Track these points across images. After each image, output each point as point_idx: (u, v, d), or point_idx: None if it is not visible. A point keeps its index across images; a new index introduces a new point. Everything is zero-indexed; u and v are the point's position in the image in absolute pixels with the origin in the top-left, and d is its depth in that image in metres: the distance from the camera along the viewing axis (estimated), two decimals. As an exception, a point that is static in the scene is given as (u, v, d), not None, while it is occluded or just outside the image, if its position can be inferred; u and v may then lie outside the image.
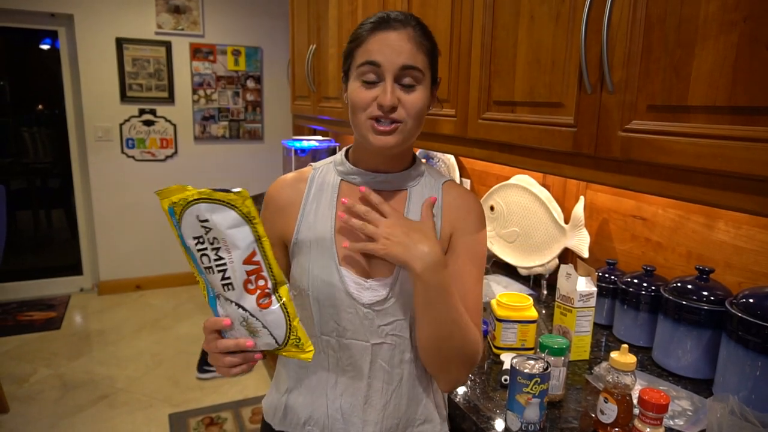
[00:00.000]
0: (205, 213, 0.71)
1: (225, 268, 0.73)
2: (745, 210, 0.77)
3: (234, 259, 0.73)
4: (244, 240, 0.72)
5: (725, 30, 0.76)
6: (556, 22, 1.08)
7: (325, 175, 0.97)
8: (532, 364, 0.94)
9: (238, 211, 0.71)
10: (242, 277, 0.74)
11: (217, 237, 0.72)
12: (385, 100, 0.82)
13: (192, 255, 0.75)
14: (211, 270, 0.74)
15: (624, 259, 1.52)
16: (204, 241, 0.72)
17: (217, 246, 0.72)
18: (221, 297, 0.76)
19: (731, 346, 1.02)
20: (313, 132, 3.86)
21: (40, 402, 2.69)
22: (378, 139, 0.85)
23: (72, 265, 4.21)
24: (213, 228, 0.71)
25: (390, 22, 0.85)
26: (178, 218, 0.72)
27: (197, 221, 0.71)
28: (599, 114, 0.98)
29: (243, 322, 0.75)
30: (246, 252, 0.73)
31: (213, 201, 0.71)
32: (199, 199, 0.71)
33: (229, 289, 0.74)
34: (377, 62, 0.83)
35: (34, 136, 4.07)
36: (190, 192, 0.71)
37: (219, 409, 2.69)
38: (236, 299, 0.74)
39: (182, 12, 4.00)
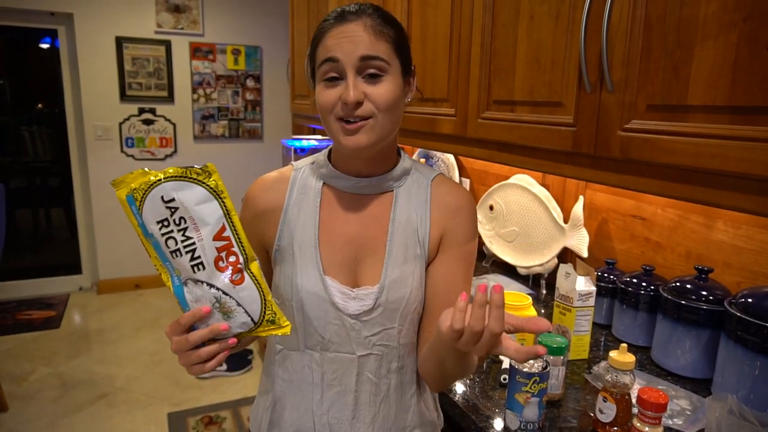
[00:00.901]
0: (171, 192, 0.69)
1: (194, 247, 0.71)
2: (744, 210, 0.77)
3: (204, 236, 0.70)
4: (213, 215, 0.70)
5: (725, 30, 0.76)
6: (556, 22, 1.08)
7: (306, 177, 0.92)
8: (531, 364, 0.94)
9: (205, 186, 0.70)
10: (213, 255, 0.71)
11: (184, 216, 0.70)
12: (348, 96, 0.77)
13: (155, 243, 0.72)
14: (178, 253, 0.71)
15: (623, 258, 1.52)
16: (169, 223, 0.70)
17: (185, 226, 0.70)
18: (189, 281, 0.73)
19: (730, 345, 1.03)
20: (312, 131, 3.86)
21: (39, 401, 2.69)
22: (348, 140, 0.80)
23: (71, 264, 4.21)
24: (180, 207, 0.69)
25: (345, 15, 0.80)
26: (139, 205, 0.70)
27: (162, 203, 0.69)
28: (599, 113, 0.98)
29: (216, 304, 0.72)
30: (216, 227, 0.71)
31: (179, 178, 0.69)
32: (164, 178, 0.69)
33: (200, 269, 0.71)
34: (335, 57, 0.79)
35: (34, 135, 4.06)
36: (153, 174, 0.69)
37: (218, 408, 2.69)
38: (207, 279, 0.72)
39: (182, 11, 4.00)
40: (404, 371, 0.90)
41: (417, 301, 0.88)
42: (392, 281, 0.86)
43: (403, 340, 0.89)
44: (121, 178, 0.70)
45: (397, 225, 0.88)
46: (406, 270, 0.87)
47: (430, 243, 0.89)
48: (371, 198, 0.90)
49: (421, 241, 0.88)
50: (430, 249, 0.89)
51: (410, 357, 0.91)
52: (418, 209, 0.89)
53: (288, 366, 0.90)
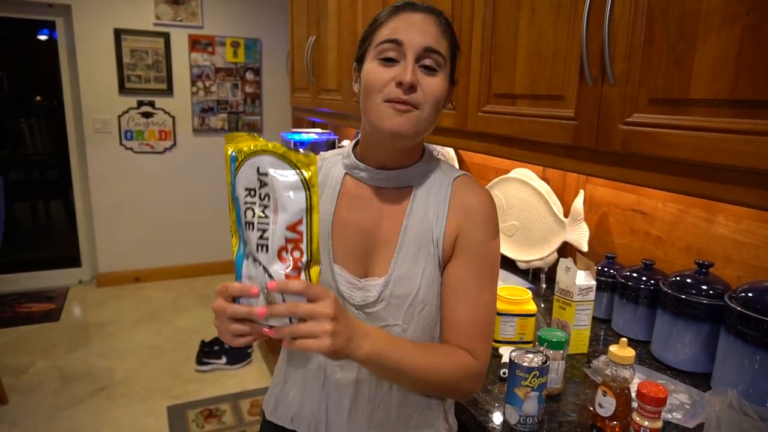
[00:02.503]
0: (268, 166, 0.68)
1: (266, 228, 0.70)
2: (746, 204, 0.76)
3: (279, 222, 0.69)
4: (296, 205, 0.69)
5: (728, 22, 0.75)
6: (558, 14, 1.07)
7: (331, 166, 0.94)
8: (530, 358, 0.94)
9: (300, 174, 0.68)
10: (280, 243, 0.69)
11: (269, 194, 0.69)
12: (405, 77, 0.77)
13: (237, 206, 0.71)
14: (251, 225, 0.70)
15: (623, 253, 1.52)
16: (255, 194, 0.70)
17: (267, 203, 0.69)
18: (251, 257, 0.71)
19: (730, 340, 1.02)
20: (312, 124, 3.85)
21: (38, 394, 2.70)
22: (392, 120, 0.79)
23: (71, 257, 4.21)
24: (269, 184, 0.68)
25: (415, 5, 0.82)
26: (238, 165, 0.70)
27: (256, 173, 0.69)
28: (600, 107, 0.97)
29: (264, 289, 0.70)
30: (293, 218, 0.69)
31: (279, 156, 0.68)
32: (266, 150, 0.68)
33: (262, 251, 0.70)
34: (400, 40, 0.79)
35: (32, 127, 4.05)
36: (260, 142, 0.69)
37: (218, 402, 2.69)
38: (266, 263, 0.70)
39: (181, 3, 3.97)
40: None
41: (425, 301, 0.86)
42: (399, 276, 0.85)
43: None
44: (233, 134, 0.71)
45: (413, 221, 0.87)
46: (416, 267, 0.86)
47: (444, 242, 0.87)
48: (390, 191, 0.89)
49: (435, 239, 0.87)
50: (444, 249, 0.87)
51: None
52: (436, 208, 0.88)
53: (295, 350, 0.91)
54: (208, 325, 3.51)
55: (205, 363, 2.99)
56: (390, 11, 0.83)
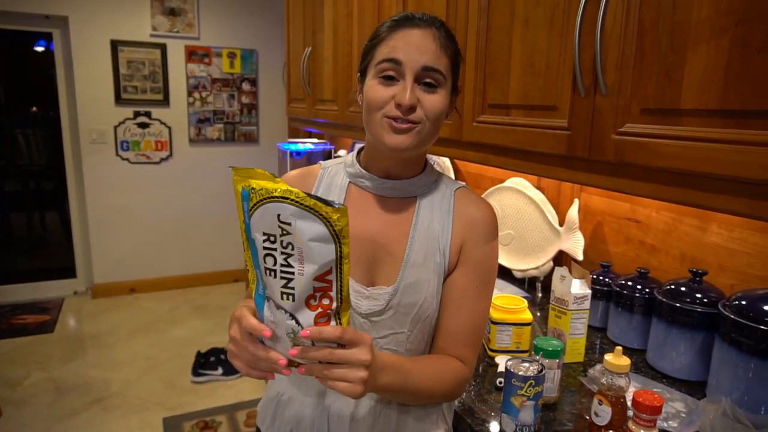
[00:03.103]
0: (290, 217, 0.62)
1: (292, 277, 0.64)
2: (737, 213, 0.77)
3: (305, 272, 0.64)
4: (324, 256, 0.64)
5: (717, 34, 0.76)
6: (550, 26, 1.08)
7: (334, 175, 0.94)
8: (526, 367, 0.94)
9: (330, 227, 0.63)
10: (307, 293, 0.65)
11: (293, 243, 0.63)
12: (404, 98, 0.79)
13: (254, 248, 0.66)
14: (272, 273, 0.65)
15: (618, 261, 1.52)
16: (275, 241, 0.64)
17: (290, 253, 0.64)
18: (272, 302, 0.67)
19: (724, 348, 1.03)
20: (308, 135, 3.86)
21: (33, 406, 2.67)
22: (393, 138, 0.81)
23: (66, 268, 4.19)
24: (293, 234, 0.63)
25: (414, 20, 0.82)
26: (252, 206, 0.64)
27: (276, 220, 0.63)
28: (593, 117, 0.98)
29: (290, 334, 0.67)
30: (322, 269, 0.64)
31: (306, 209, 0.62)
32: (287, 199, 0.62)
33: (287, 300, 0.65)
34: (398, 60, 0.79)
35: (29, 138, 4.05)
36: (280, 186, 0.63)
37: (214, 413, 2.68)
38: (292, 310, 0.66)
39: (177, 14, 3.99)
40: None
41: (430, 309, 0.87)
42: (407, 285, 0.86)
43: (410, 346, 0.89)
44: (245, 169, 0.65)
45: (419, 231, 0.89)
46: (423, 276, 0.87)
47: (450, 253, 0.89)
48: (394, 201, 0.91)
49: (441, 250, 0.88)
50: (450, 259, 0.89)
51: None
52: (441, 218, 0.90)
53: None
54: (204, 336, 3.50)
55: (201, 374, 2.97)
56: (390, 26, 0.83)
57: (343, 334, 0.66)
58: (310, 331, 0.65)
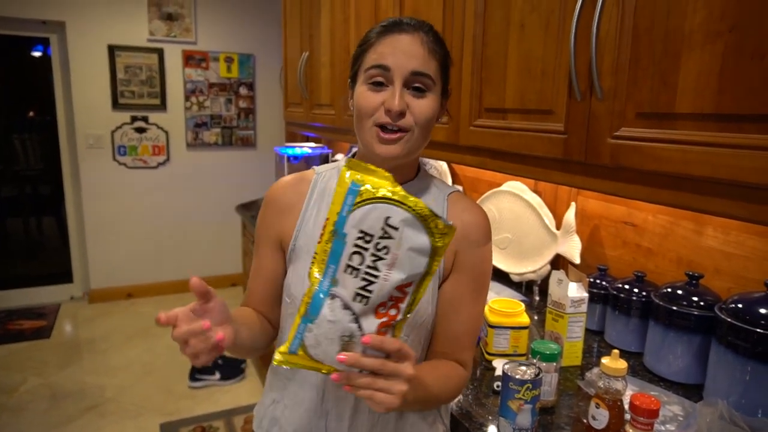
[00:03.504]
0: (400, 222, 0.62)
1: (374, 281, 0.63)
2: (732, 216, 0.78)
3: (390, 279, 0.63)
4: (415, 268, 0.64)
5: (711, 40, 0.77)
6: (546, 31, 1.09)
7: (328, 180, 0.93)
8: (523, 370, 0.94)
9: (433, 242, 0.63)
10: (381, 299, 0.64)
11: (389, 248, 0.62)
12: (393, 104, 0.78)
13: (340, 243, 0.63)
14: (354, 272, 0.63)
15: (615, 265, 1.53)
16: (370, 241, 0.62)
17: (383, 257, 0.63)
18: (338, 299, 0.64)
19: (721, 351, 1.03)
20: (305, 139, 3.86)
21: (29, 412, 2.66)
22: (383, 148, 0.81)
23: (62, 273, 4.17)
24: (396, 239, 0.62)
25: (402, 25, 0.82)
26: (358, 202, 0.63)
27: (383, 222, 0.62)
28: (589, 121, 0.99)
29: (345, 337, 0.65)
30: (406, 280, 0.64)
31: (419, 218, 0.62)
32: (404, 205, 0.62)
33: (359, 302, 0.64)
34: (387, 66, 0.79)
35: (25, 143, 4.04)
36: (398, 191, 0.63)
37: (211, 418, 2.66)
38: (359, 313, 0.64)
39: (175, 19, 4.00)
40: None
41: (426, 315, 0.88)
42: None
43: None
44: (362, 164, 0.65)
45: None
46: None
47: (445, 259, 0.88)
48: None
49: None
50: (445, 265, 0.89)
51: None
52: None
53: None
54: (202, 341, 3.48)
55: (198, 379, 2.96)
56: (378, 32, 0.83)
57: (401, 347, 0.66)
58: (372, 338, 0.64)
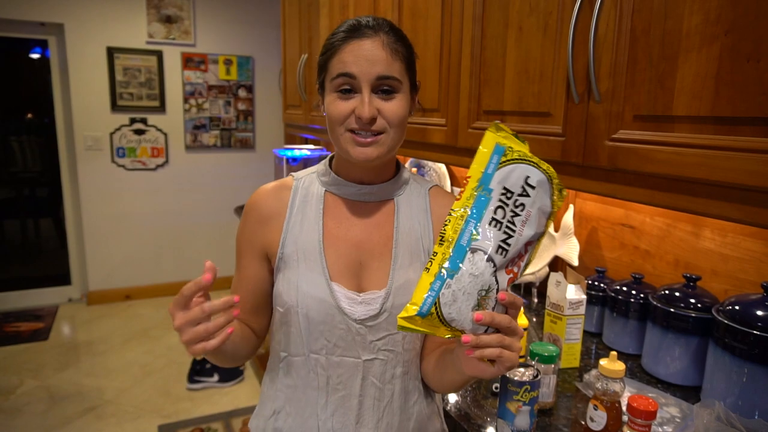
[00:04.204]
0: (537, 182, 0.70)
1: (512, 234, 0.70)
2: (729, 218, 0.78)
3: (523, 234, 0.70)
4: (539, 227, 0.71)
5: (707, 43, 0.77)
6: (544, 34, 1.10)
7: (308, 186, 0.93)
8: (522, 372, 0.94)
9: (554, 205, 0.72)
10: (514, 254, 0.70)
11: (525, 205, 0.70)
12: (363, 112, 0.80)
13: (483, 199, 0.70)
14: (498, 224, 0.69)
15: (613, 267, 1.53)
16: (511, 197, 0.70)
17: (518, 213, 0.70)
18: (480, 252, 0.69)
19: (718, 352, 1.04)
20: (304, 141, 3.87)
21: (26, 414, 2.65)
22: (359, 151, 0.82)
23: (60, 275, 4.17)
24: (531, 197, 0.70)
25: (361, 29, 0.81)
26: (505, 161, 0.70)
27: (523, 182, 0.70)
28: (587, 123, 0.99)
29: (482, 291, 0.68)
30: (533, 238, 0.71)
31: (552, 181, 0.71)
32: (542, 169, 0.70)
33: (501, 254, 0.69)
34: (352, 74, 0.80)
35: (23, 144, 4.04)
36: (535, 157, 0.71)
37: (209, 420, 2.66)
38: (499, 266, 0.69)
39: (174, 21, 4.00)
40: (408, 377, 0.91)
41: None
42: (399, 286, 0.87)
43: (407, 346, 0.90)
44: (505, 128, 0.72)
45: (402, 232, 0.90)
46: (412, 276, 0.88)
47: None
48: (373, 205, 0.92)
49: (426, 249, 0.91)
50: None
51: (414, 363, 0.92)
52: (420, 218, 0.92)
53: (293, 372, 0.91)
54: (200, 343, 3.48)
55: (197, 381, 2.96)
56: (338, 38, 0.82)
57: (520, 305, 0.72)
58: (507, 295, 0.69)
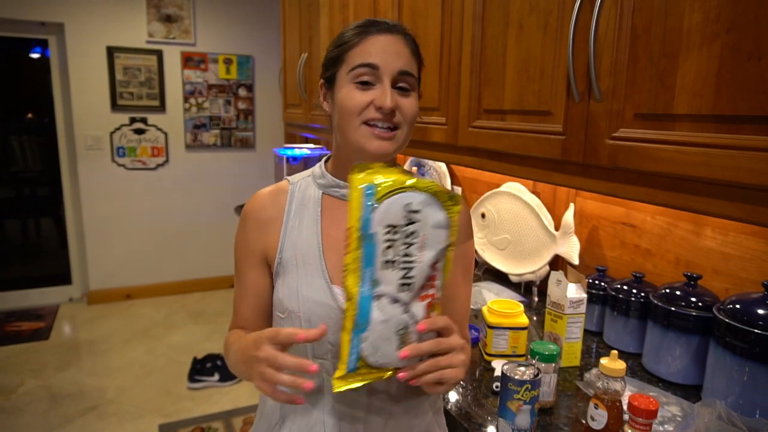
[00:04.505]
0: (419, 204, 0.67)
1: (411, 266, 0.67)
2: (730, 217, 0.78)
3: (424, 260, 0.68)
4: (441, 243, 0.69)
5: (708, 41, 0.77)
6: (545, 32, 1.09)
7: (305, 189, 0.92)
8: (522, 371, 0.94)
9: (449, 213, 0.69)
10: (422, 281, 0.69)
11: (417, 231, 0.67)
12: (385, 102, 0.79)
13: (370, 244, 0.67)
14: (392, 264, 0.67)
15: (614, 265, 1.53)
16: (398, 231, 0.67)
17: (413, 241, 0.67)
18: (384, 298, 0.68)
19: (719, 351, 1.03)
20: (304, 140, 3.87)
21: (27, 414, 2.65)
22: (378, 144, 0.81)
23: (61, 275, 4.17)
24: (420, 221, 0.67)
25: (382, 25, 0.83)
26: (377, 200, 0.66)
27: (404, 210, 0.67)
28: (587, 122, 0.99)
29: (401, 330, 0.68)
30: (437, 256, 0.69)
31: (433, 195, 0.68)
32: (417, 188, 0.67)
33: (406, 290, 0.68)
34: (376, 64, 0.80)
35: (23, 144, 4.04)
36: (407, 177, 0.67)
37: (210, 419, 2.66)
38: (408, 301, 0.69)
39: (174, 21, 4.00)
40: None
41: None
42: None
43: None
44: (370, 165, 0.69)
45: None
46: None
47: None
48: None
49: None
50: None
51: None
52: None
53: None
54: (201, 342, 3.48)
55: (198, 380, 2.96)
56: (357, 32, 0.83)
57: (449, 322, 0.70)
58: (426, 324, 0.68)
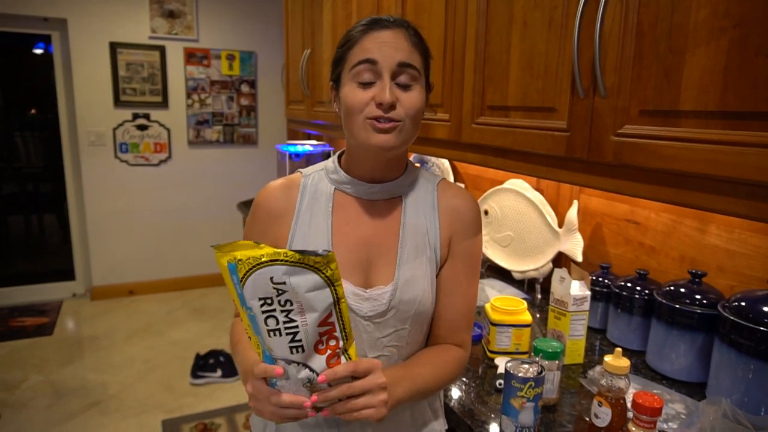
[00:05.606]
0: (283, 276, 0.65)
1: (296, 330, 0.67)
2: (736, 214, 0.77)
3: (308, 322, 0.67)
4: (323, 302, 0.67)
5: (715, 36, 0.76)
6: (549, 28, 1.09)
7: (317, 183, 0.93)
8: (526, 368, 0.94)
9: (321, 275, 0.66)
10: (314, 339, 0.68)
11: (291, 299, 0.66)
12: (384, 96, 0.80)
13: (252, 317, 0.68)
14: (277, 333, 0.67)
15: (617, 263, 1.52)
16: (273, 302, 0.66)
17: (290, 308, 0.66)
18: (280, 360, 0.70)
19: (724, 349, 1.03)
20: (307, 136, 3.86)
21: (31, 409, 2.66)
22: (378, 137, 0.82)
23: (64, 271, 4.18)
24: (289, 290, 0.66)
25: (383, 22, 0.84)
26: (242, 277, 0.66)
27: (270, 283, 0.65)
28: (592, 119, 0.99)
29: (307, 384, 0.70)
30: (323, 314, 0.68)
31: (295, 264, 0.65)
32: (276, 261, 0.65)
33: (297, 352, 0.69)
34: (374, 59, 0.81)
35: (27, 140, 4.05)
36: (265, 251, 0.65)
37: (213, 415, 2.67)
38: (303, 360, 0.69)
39: (176, 16, 3.99)
40: None
41: (428, 303, 0.90)
42: (405, 281, 0.88)
43: (410, 339, 0.91)
44: (226, 244, 0.67)
45: (408, 228, 0.91)
46: (418, 272, 0.89)
47: (440, 246, 0.92)
48: (381, 203, 0.93)
49: (432, 244, 0.92)
50: (441, 252, 0.92)
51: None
52: (426, 214, 0.93)
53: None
54: (203, 338, 3.49)
55: (200, 376, 2.97)
56: (360, 30, 0.85)
57: (356, 367, 0.71)
58: (326, 374, 0.69)
